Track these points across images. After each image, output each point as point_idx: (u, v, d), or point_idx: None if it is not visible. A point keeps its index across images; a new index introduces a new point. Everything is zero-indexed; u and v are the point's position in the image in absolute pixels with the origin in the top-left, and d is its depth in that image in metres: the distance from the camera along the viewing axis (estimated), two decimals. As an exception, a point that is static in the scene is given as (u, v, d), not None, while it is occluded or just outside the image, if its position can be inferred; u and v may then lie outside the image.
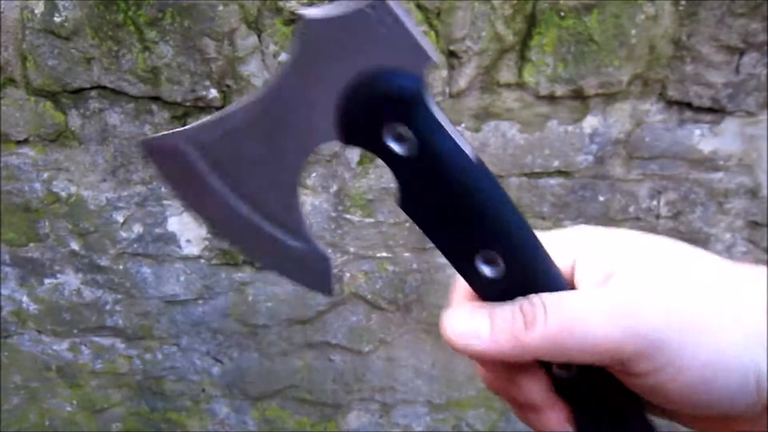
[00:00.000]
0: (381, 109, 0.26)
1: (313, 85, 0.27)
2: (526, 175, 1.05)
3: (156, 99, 0.99)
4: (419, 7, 0.92)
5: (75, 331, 1.21)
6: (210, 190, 0.30)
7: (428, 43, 0.26)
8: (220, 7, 0.92)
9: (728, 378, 0.26)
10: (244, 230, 0.31)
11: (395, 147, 0.27)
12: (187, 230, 1.11)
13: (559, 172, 1.05)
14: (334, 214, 1.08)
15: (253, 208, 0.30)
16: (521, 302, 0.28)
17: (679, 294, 0.27)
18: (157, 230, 1.10)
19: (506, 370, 0.30)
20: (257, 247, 0.31)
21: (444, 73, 0.97)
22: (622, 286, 0.28)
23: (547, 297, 0.28)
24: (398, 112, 0.26)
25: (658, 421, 0.31)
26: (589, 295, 0.27)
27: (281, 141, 0.28)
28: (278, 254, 0.31)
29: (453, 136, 0.27)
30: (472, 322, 0.29)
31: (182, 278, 1.15)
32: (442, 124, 0.27)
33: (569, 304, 0.27)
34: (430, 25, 0.94)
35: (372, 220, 1.08)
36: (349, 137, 0.27)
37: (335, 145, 0.29)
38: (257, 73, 0.97)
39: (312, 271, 0.31)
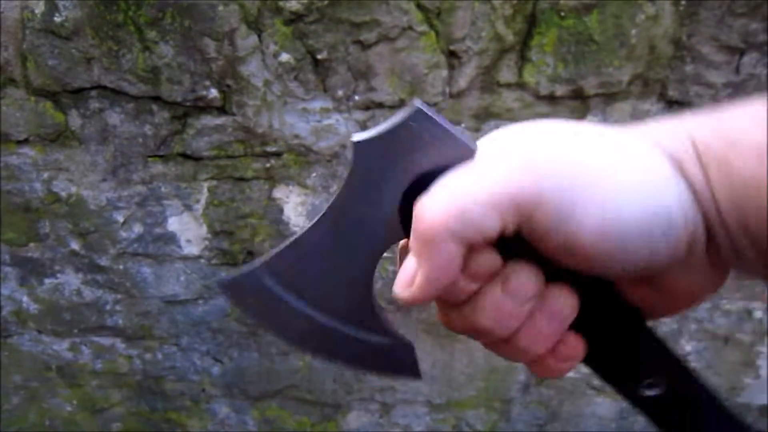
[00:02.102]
0: None
1: (375, 196, 0.30)
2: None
3: (156, 99, 0.99)
4: (419, 7, 0.92)
5: (75, 331, 1.21)
6: (290, 310, 0.33)
7: (468, 137, 0.29)
8: (220, 7, 0.92)
9: (636, 219, 0.26)
10: (329, 340, 0.33)
11: None
12: (187, 230, 1.11)
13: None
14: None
15: (333, 317, 0.33)
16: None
17: (566, 147, 0.27)
18: (157, 230, 1.10)
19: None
20: (344, 352, 0.34)
21: (444, 73, 0.97)
22: (504, 155, 0.28)
23: (418, 209, 0.28)
24: None
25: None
26: (477, 170, 0.28)
27: (352, 252, 0.31)
28: (365, 354, 0.34)
29: None
30: (405, 281, 0.29)
31: (182, 278, 1.15)
32: None
33: (458, 180, 0.27)
34: (430, 25, 0.94)
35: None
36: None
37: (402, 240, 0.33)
38: (257, 73, 0.97)
39: (398, 362, 0.34)
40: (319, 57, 0.95)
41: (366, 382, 1.26)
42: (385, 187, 0.30)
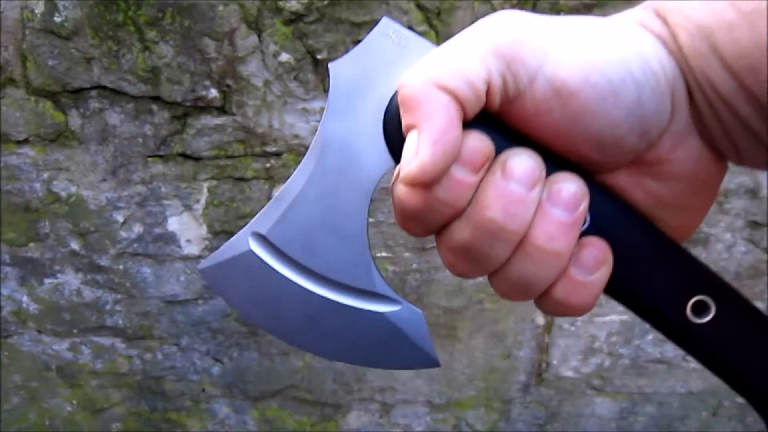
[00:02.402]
0: None
1: (356, 120, 0.28)
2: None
3: (156, 99, 0.99)
4: (419, 7, 0.92)
5: (75, 331, 1.21)
6: (284, 286, 0.30)
7: (432, 43, 0.28)
8: (220, 7, 0.92)
9: (614, 57, 0.26)
10: (329, 320, 0.30)
11: None
12: (187, 230, 1.11)
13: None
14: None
15: (330, 285, 0.30)
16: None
17: (536, 17, 0.27)
18: (157, 230, 1.10)
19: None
20: (346, 338, 0.31)
21: (444, 73, 0.97)
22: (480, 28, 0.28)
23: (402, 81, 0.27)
24: None
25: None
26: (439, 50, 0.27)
27: (340, 191, 0.29)
28: (369, 333, 0.30)
29: None
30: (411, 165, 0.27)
31: (182, 278, 1.15)
32: None
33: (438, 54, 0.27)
34: (430, 25, 0.94)
35: (372, 219, 1.08)
36: (399, 154, 0.28)
37: (391, 171, 0.30)
38: (257, 73, 0.97)
39: (406, 338, 0.30)
40: (319, 57, 0.95)
41: (366, 382, 1.26)
42: (365, 108, 0.28)
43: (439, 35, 0.94)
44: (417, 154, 0.26)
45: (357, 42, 0.94)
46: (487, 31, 0.27)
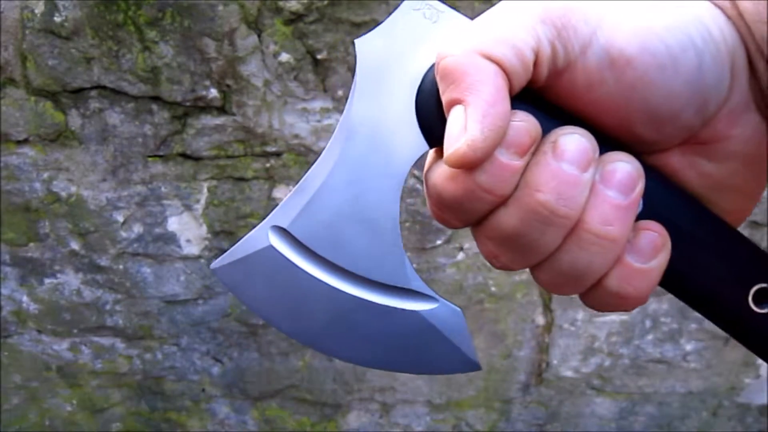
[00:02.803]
0: None
1: (387, 101, 0.26)
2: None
3: (156, 99, 0.99)
4: (419, 7, 0.92)
5: (75, 330, 1.21)
6: (309, 285, 0.27)
7: (466, 16, 0.26)
8: (220, 7, 0.92)
9: (672, 24, 0.25)
10: (352, 317, 0.27)
11: None
12: (187, 230, 1.11)
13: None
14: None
15: (360, 282, 0.27)
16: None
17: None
18: (157, 230, 1.10)
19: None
20: (378, 338, 0.27)
21: (444, 73, 0.97)
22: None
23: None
24: None
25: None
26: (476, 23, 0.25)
27: (370, 178, 0.26)
28: (403, 334, 0.27)
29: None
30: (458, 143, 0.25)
31: (182, 278, 1.15)
32: None
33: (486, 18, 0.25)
34: (430, 25, 0.94)
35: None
36: (433, 136, 0.26)
37: (424, 156, 0.28)
38: (257, 73, 0.97)
39: (444, 339, 0.28)
40: (319, 57, 0.95)
41: (366, 381, 1.26)
42: (395, 87, 0.26)
43: (439, 35, 0.94)
44: (465, 129, 0.23)
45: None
46: (533, 2, 0.25)
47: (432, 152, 0.28)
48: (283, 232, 0.27)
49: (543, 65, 0.25)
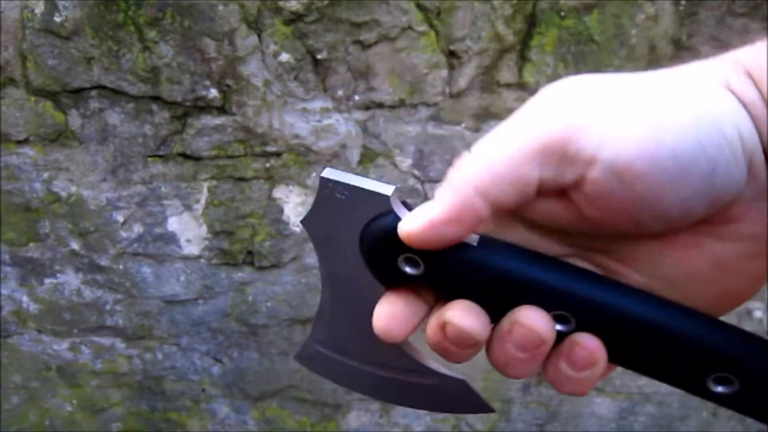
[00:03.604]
0: (387, 254, 0.30)
1: (340, 258, 0.32)
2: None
3: (156, 99, 0.99)
4: (419, 7, 0.92)
5: (75, 330, 1.21)
6: (351, 369, 0.35)
7: (378, 183, 0.30)
8: (220, 7, 0.92)
9: (685, 129, 0.24)
10: (394, 387, 0.35)
11: (410, 270, 0.30)
12: (187, 230, 1.11)
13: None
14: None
15: (382, 368, 0.35)
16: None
17: (598, 82, 0.26)
18: (157, 230, 1.10)
19: None
20: (412, 397, 0.36)
21: (444, 73, 0.97)
22: (538, 110, 0.26)
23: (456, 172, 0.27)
24: (394, 250, 0.30)
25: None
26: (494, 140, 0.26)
27: (356, 309, 0.33)
28: (430, 396, 0.35)
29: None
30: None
31: (182, 278, 1.15)
32: None
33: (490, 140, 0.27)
34: (430, 25, 0.94)
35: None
36: (385, 283, 0.31)
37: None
38: (257, 73, 0.97)
39: (460, 399, 0.35)
40: (319, 57, 0.95)
41: (366, 382, 1.26)
42: (343, 250, 0.31)
43: (439, 35, 0.94)
44: (419, 217, 0.27)
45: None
46: (534, 123, 0.25)
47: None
48: (323, 342, 0.36)
49: (548, 187, 0.26)
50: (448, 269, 0.29)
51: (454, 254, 0.28)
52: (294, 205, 1.08)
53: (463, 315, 0.28)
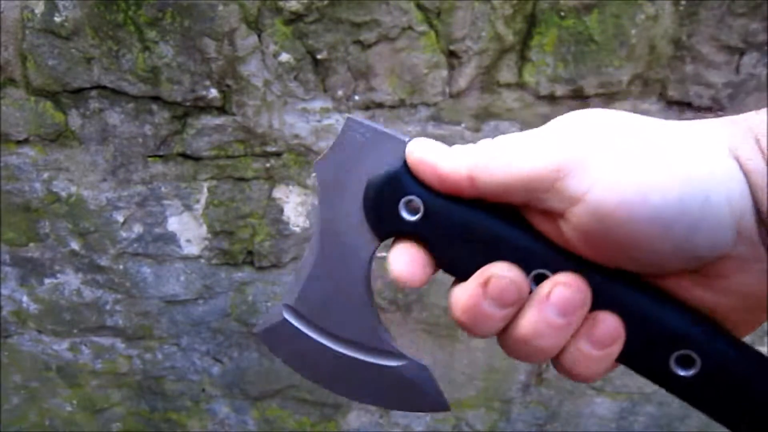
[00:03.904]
0: (391, 196, 0.31)
1: (342, 208, 0.33)
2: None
3: (156, 99, 0.99)
4: (419, 7, 0.92)
5: (75, 331, 1.21)
6: (317, 348, 0.35)
7: (399, 132, 0.32)
8: (220, 7, 0.92)
9: (670, 185, 0.25)
10: (354, 374, 0.35)
11: (408, 216, 0.31)
12: (187, 230, 1.11)
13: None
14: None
15: (349, 345, 0.35)
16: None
17: (610, 131, 0.26)
18: (157, 230, 1.10)
19: None
20: (369, 387, 0.35)
21: (444, 73, 0.97)
22: (551, 130, 0.28)
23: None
24: (400, 191, 0.31)
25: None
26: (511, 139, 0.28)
27: (342, 268, 0.33)
28: (379, 382, 0.35)
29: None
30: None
31: (182, 278, 1.15)
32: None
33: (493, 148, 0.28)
34: (430, 25, 0.94)
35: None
36: (381, 232, 0.32)
37: (380, 252, 0.34)
38: (257, 73, 0.97)
39: (418, 388, 0.35)
40: (319, 57, 0.95)
41: (366, 382, 1.26)
42: (347, 197, 0.32)
43: (439, 35, 0.94)
44: (425, 147, 0.30)
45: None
46: (535, 149, 0.27)
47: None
48: (291, 308, 0.35)
49: (535, 207, 0.28)
50: (445, 216, 0.30)
51: (452, 202, 0.30)
52: (294, 205, 1.08)
53: (508, 267, 0.29)
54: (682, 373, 0.29)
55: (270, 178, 1.06)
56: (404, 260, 0.31)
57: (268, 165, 1.04)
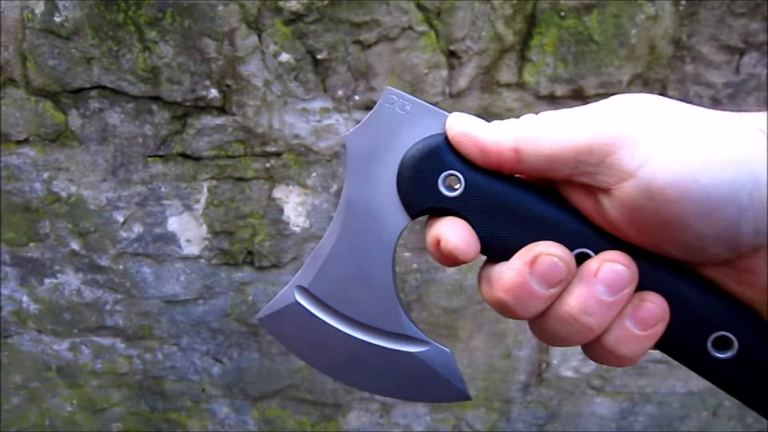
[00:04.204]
0: (430, 171, 0.30)
1: (373, 183, 0.31)
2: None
3: (156, 99, 0.99)
4: (419, 7, 0.92)
5: (75, 330, 1.21)
6: (327, 332, 0.33)
7: (438, 108, 0.31)
8: (220, 7, 0.92)
9: (719, 169, 0.24)
10: (367, 359, 0.33)
11: (447, 192, 0.31)
12: (187, 230, 1.11)
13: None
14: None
15: (365, 329, 0.33)
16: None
17: (657, 114, 0.27)
18: (157, 230, 1.10)
19: None
20: (383, 374, 0.34)
21: (444, 73, 0.97)
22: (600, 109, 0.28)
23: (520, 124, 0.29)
24: (439, 165, 0.30)
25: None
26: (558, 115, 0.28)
27: (366, 248, 0.32)
28: (396, 371, 0.34)
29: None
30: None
31: (182, 278, 1.15)
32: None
33: (542, 120, 0.28)
34: (430, 25, 0.94)
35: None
36: (415, 208, 0.31)
37: (406, 228, 0.33)
38: (257, 73, 0.97)
39: (439, 376, 0.33)
40: (319, 57, 0.95)
41: (366, 382, 1.26)
42: (380, 171, 0.31)
43: (439, 35, 0.94)
44: (467, 122, 0.30)
45: (369, 108, 0.94)
46: (591, 121, 0.27)
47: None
48: (305, 290, 0.34)
49: (576, 181, 0.28)
50: (486, 191, 0.30)
51: (493, 178, 0.30)
52: (294, 205, 1.08)
53: (554, 246, 0.29)
54: (719, 355, 0.28)
55: (270, 178, 1.06)
56: (457, 232, 0.30)
57: (268, 165, 1.04)
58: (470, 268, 1.11)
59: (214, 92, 0.98)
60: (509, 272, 0.29)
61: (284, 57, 0.95)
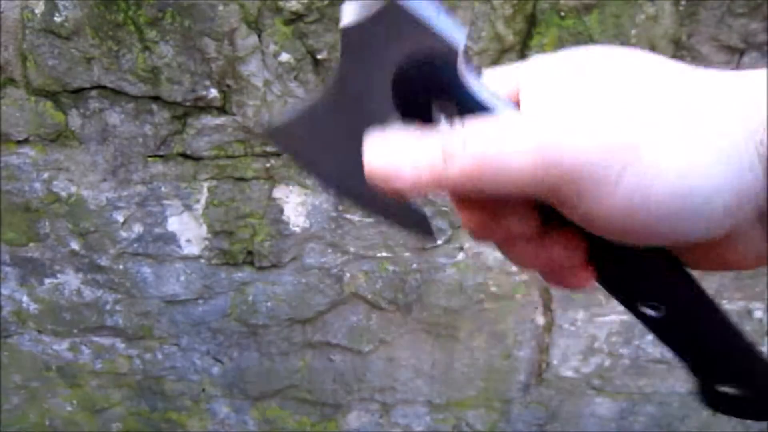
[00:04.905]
0: (426, 87, 0.28)
1: (368, 77, 0.29)
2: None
3: (156, 99, 0.99)
4: (419, 7, 0.92)
5: (75, 330, 1.21)
6: (321, 157, 0.33)
7: (452, 26, 0.27)
8: (220, 7, 0.92)
9: (687, 203, 0.23)
10: (349, 186, 0.33)
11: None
12: (187, 230, 1.11)
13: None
14: (334, 214, 1.08)
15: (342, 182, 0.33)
16: (443, 135, 0.26)
17: (616, 110, 0.24)
18: (157, 230, 1.10)
19: (491, 211, 0.28)
20: (367, 196, 0.33)
21: (444, 73, 0.97)
22: (549, 109, 0.25)
23: (469, 128, 0.25)
24: (438, 90, 0.28)
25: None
26: (508, 124, 0.25)
27: (354, 127, 0.30)
28: (381, 205, 0.34)
29: (489, 103, 0.28)
30: (393, 158, 0.26)
31: (182, 278, 1.15)
32: (478, 96, 0.28)
33: (487, 135, 0.25)
34: (430, 25, 0.94)
35: (372, 219, 1.08)
36: (405, 113, 0.29)
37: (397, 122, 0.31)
38: (257, 73, 0.97)
39: (414, 223, 0.35)
40: (319, 57, 0.95)
41: (366, 381, 1.26)
42: (376, 66, 0.29)
43: (439, 35, 0.94)
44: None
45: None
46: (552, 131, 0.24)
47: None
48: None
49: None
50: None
51: None
52: (294, 205, 1.08)
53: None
54: (650, 312, 0.31)
55: (270, 178, 1.06)
56: None
57: (268, 165, 1.04)
58: (470, 268, 1.11)
59: (214, 92, 0.98)
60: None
61: (284, 57, 0.95)
